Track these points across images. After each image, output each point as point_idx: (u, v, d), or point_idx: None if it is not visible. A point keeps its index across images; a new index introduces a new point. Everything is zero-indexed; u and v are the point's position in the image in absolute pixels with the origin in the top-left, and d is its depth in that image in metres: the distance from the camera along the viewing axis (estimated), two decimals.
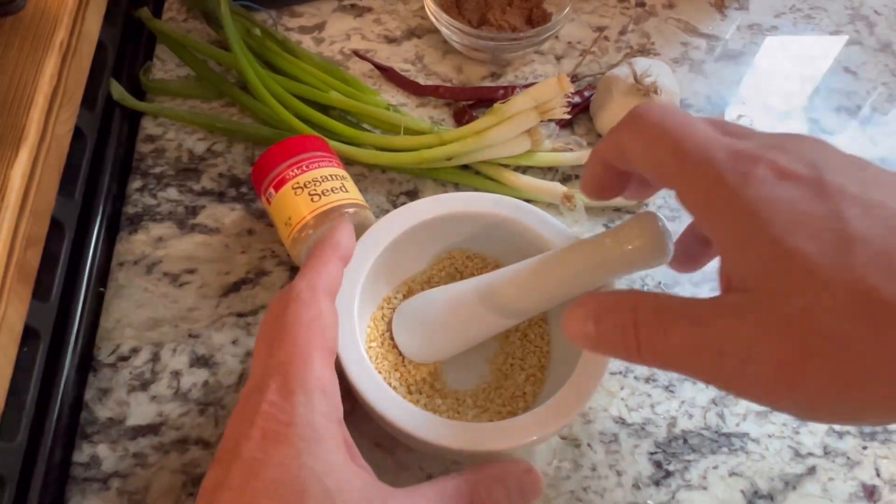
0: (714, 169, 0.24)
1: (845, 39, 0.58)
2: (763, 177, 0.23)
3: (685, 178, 0.25)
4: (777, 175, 0.23)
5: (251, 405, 0.28)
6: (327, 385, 0.29)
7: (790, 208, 0.23)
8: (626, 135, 0.28)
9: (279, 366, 0.29)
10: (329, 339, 0.31)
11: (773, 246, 0.22)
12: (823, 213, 0.22)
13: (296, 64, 0.50)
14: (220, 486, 0.27)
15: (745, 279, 0.23)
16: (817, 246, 0.22)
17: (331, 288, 0.32)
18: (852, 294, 0.21)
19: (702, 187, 0.24)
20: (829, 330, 0.21)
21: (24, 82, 0.39)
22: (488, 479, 0.30)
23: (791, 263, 0.22)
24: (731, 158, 0.24)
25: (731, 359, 0.23)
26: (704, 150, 0.25)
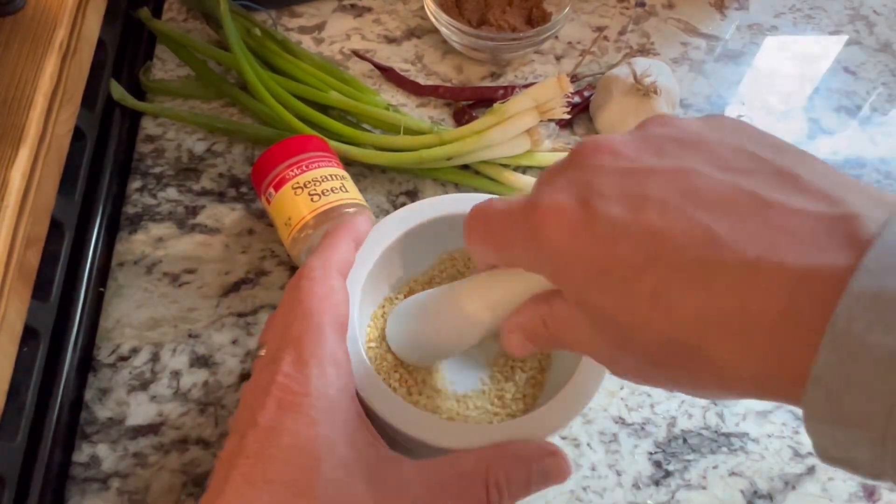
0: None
1: (845, 39, 0.58)
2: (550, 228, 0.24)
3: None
4: (557, 222, 0.24)
5: (266, 376, 0.29)
6: (340, 359, 0.30)
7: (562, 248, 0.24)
8: (478, 253, 0.29)
9: (293, 339, 0.30)
10: (341, 314, 0.32)
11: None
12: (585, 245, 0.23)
13: (296, 64, 0.50)
14: (236, 454, 0.28)
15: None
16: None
17: (343, 267, 0.33)
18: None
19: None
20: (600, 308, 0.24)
21: (24, 82, 0.39)
22: (507, 457, 0.30)
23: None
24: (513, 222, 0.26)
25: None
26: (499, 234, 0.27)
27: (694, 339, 0.21)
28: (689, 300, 0.20)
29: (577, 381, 0.33)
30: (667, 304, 0.21)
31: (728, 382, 0.21)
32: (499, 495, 0.29)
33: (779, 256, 0.19)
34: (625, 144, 0.24)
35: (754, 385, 0.20)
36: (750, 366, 0.20)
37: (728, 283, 0.20)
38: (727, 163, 0.22)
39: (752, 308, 0.19)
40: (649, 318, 0.21)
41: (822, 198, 0.20)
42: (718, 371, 0.21)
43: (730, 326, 0.20)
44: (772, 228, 0.20)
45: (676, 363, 0.22)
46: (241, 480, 0.27)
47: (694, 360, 0.21)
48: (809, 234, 0.19)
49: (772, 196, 0.20)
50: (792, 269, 0.19)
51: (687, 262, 0.20)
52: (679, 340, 0.21)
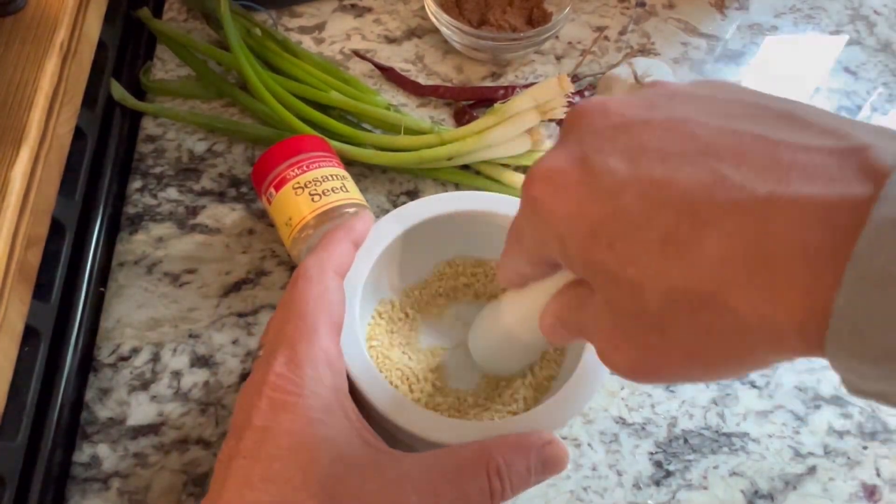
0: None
1: (845, 39, 0.58)
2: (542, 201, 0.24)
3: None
4: (552, 193, 0.23)
5: (259, 376, 0.29)
6: (333, 358, 0.30)
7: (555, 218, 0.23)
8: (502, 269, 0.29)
9: (287, 339, 0.30)
10: (335, 314, 0.31)
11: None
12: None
13: (296, 64, 0.50)
14: (233, 455, 0.28)
15: None
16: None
17: (340, 267, 0.33)
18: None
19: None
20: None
21: (25, 82, 0.39)
22: (506, 446, 0.29)
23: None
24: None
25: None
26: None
27: (708, 284, 0.19)
28: (702, 243, 0.19)
29: (577, 381, 0.33)
30: (677, 250, 0.20)
31: (746, 334, 0.20)
32: (500, 483, 0.28)
33: (792, 190, 0.18)
34: (615, 103, 0.24)
35: (774, 332, 0.19)
36: (770, 307, 0.19)
37: (741, 222, 0.19)
38: (723, 110, 0.21)
39: (768, 244, 0.19)
40: (659, 269, 0.20)
41: (829, 133, 0.19)
42: (736, 319, 0.20)
43: (746, 266, 0.19)
44: (780, 165, 0.19)
45: (689, 319, 0.20)
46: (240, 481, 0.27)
47: (708, 310, 0.20)
48: (821, 167, 0.19)
49: (776, 135, 0.20)
50: (807, 201, 0.18)
51: (696, 205, 0.20)
52: (692, 289, 0.20)
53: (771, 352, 0.20)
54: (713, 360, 0.21)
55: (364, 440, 0.29)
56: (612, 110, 0.23)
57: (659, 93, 0.23)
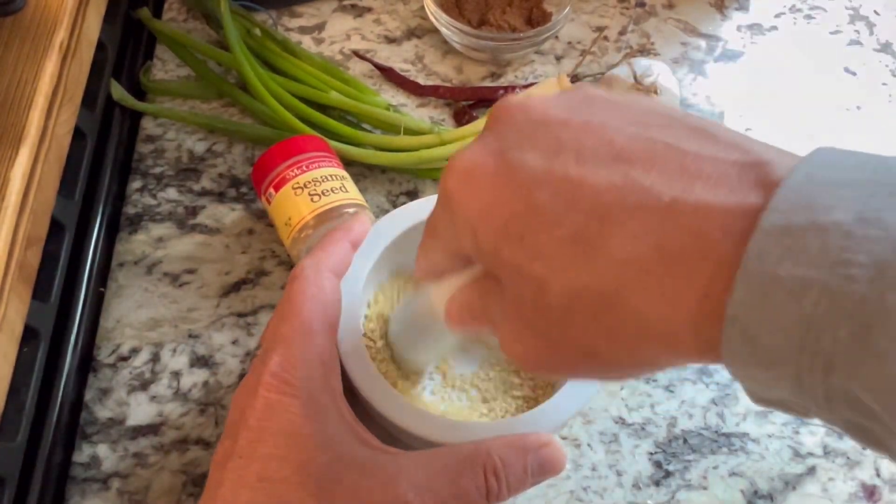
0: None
1: (845, 39, 0.58)
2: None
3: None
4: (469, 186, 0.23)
5: (255, 376, 0.29)
6: (328, 359, 0.30)
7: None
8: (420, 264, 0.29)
9: (282, 339, 0.30)
10: (330, 314, 0.32)
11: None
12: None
13: (296, 64, 0.50)
14: (229, 455, 0.28)
15: None
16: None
17: (336, 267, 0.33)
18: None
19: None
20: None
21: (24, 82, 0.39)
22: (503, 446, 0.29)
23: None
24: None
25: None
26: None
27: (612, 283, 0.20)
28: (608, 244, 0.20)
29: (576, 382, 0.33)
30: (584, 249, 0.21)
31: (644, 334, 0.20)
32: (496, 482, 0.28)
33: (694, 197, 0.19)
34: (537, 101, 0.24)
35: (671, 334, 0.20)
36: (668, 308, 0.20)
37: (646, 225, 0.20)
38: (639, 119, 0.22)
39: (669, 247, 0.19)
40: (565, 267, 0.21)
41: (735, 147, 0.20)
42: (635, 320, 0.20)
43: (648, 268, 0.20)
44: (687, 173, 0.20)
45: (590, 317, 0.21)
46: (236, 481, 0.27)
47: (610, 310, 0.21)
48: (723, 177, 0.20)
49: (685, 145, 0.21)
50: (707, 208, 0.19)
51: (605, 207, 0.20)
52: (595, 289, 0.21)
53: (667, 354, 0.21)
54: (610, 358, 0.22)
55: (360, 439, 0.29)
56: (533, 108, 0.24)
57: (580, 95, 0.24)
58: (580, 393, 0.33)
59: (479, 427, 0.32)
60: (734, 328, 0.18)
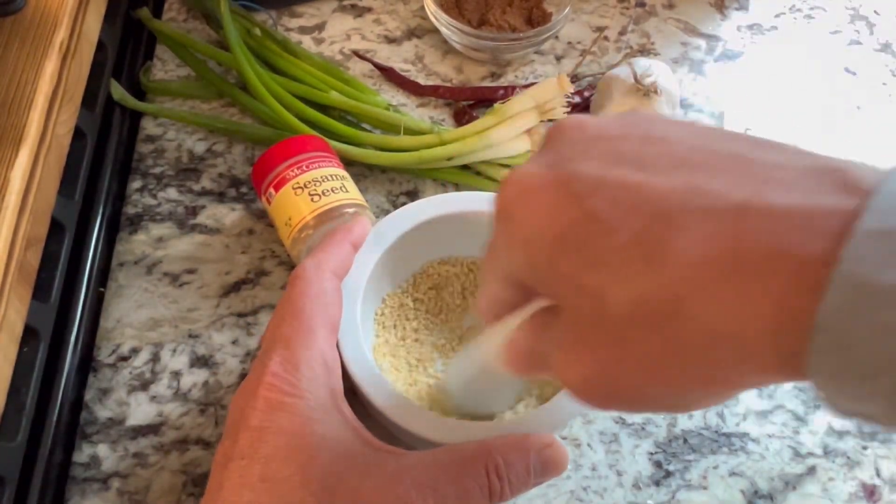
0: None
1: (845, 39, 0.58)
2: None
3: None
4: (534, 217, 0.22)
5: (255, 377, 0.29)
6: (329, 360, 0.30)
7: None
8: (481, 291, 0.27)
9: (283, 339, 0.30)
10: (332, 315, 0.32)
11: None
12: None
13: (296, 64, 0.50)
14: (230, 456, 0.28)
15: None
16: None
17: (338, 268, 0.33)
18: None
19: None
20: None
21: (24, 82, 0.39)
22: (506, 446, 0.29)
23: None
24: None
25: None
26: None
27: (675, 291, 0.19)
28: (671, 248, 0.19)
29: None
30: (645, 254, 0.19)
31: (713, 347, 0.19)
32: (499, 481, 0.28)
33: (767, 199, 0.18)
34: (594, 119, 0.23)
35: (744, 345, 0.18)
36: (740, 317, 0.18)
37: (713, 227, 0.18)
38: (700, 133, 0.21)
39: (741, 250, 0.18)
40: (625, 275, 0.19)
41: (804, 155, 0.20)
42: (702, 330, 0.19)
43: (717, 273, 0.18)
44: (756, 178, 0.19)
45: (654, 329, 0.19)
46: (237, 482, 0.27)
47: (673, 320, 0.19)
48: (797, 181, 0.19)
49: (751, 154, 0.20)
50: (784, 209, 0.18)
51: (668, 210, 0.19)
52: (658, 297, 0.19)
53: (740, 370, 0.19)
54: (676, 378, 0.20)
55: (362, 438, 0.29)
56: (589, 125, 0.23)
57: (638, 116, 0.23)
58: None
59: (481, 427, 0.32)
60: (825, 337, 0.17)
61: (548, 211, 0.21)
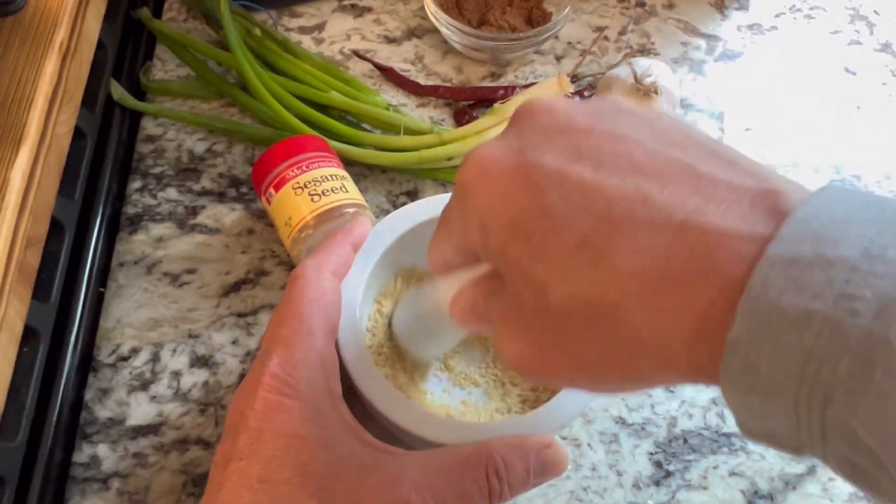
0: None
1: (845, 39, 0.58)
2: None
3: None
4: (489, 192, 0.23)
5: (254, 378, 0.29)
6: (328, 361, 0.30)
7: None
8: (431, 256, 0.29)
9: (282, 340, 0.30)
10: (331, 316, 0.32)
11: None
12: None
13: (296, 64, 0.50)
14: (229, 457, 0.28)
15: None
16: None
17: (338, 269, 0.33)
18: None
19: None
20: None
21: (24, 82, 0.39)
22: (505, 447, 0.29)
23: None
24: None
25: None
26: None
27: (612, 295, 0.20)
28: (613, 254, 0.20)
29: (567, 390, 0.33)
30: (589, 257, 0.21)
31: (638, 350, 0.20)
32: (498, 482, 0.28)
33: (705, 219, 0.19)
34: (563, 105, 0.24)
35: (665, 352, 0.20)
36: (664, 327, 0.20)
37: (653, 241, 0.20)
38: (661, 136, 0.22)
39: (674, 266, 0.19)
40: (568, 272, 0.21)
41: (750, 175, 0.21)
42: (630, 334, 0.20)
43: (650, 284, 0.20)
44: (701, 195, 0.20)
45: (586, 326, 0.21)
46: (237, 483, 0.27)
47: (606, 321, 0.21)
48: (736, 203, 0.20)
49: (703, 168, 0.21)
50: (716, 232, 0.19)
51: (615, 216, 0.20)
52: (594, 298, 0.21)
53: (659, 371, 0.21)
54: (601, 370, 0.22)
55: (361, 439, 0.29)
56: (558, 112, 0.24)
57: (607, 105, 0.24)
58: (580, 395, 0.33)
59: (481, 427, 0.32)
60: (734, 355, 0.18)
61: (504, 197, 0.22)
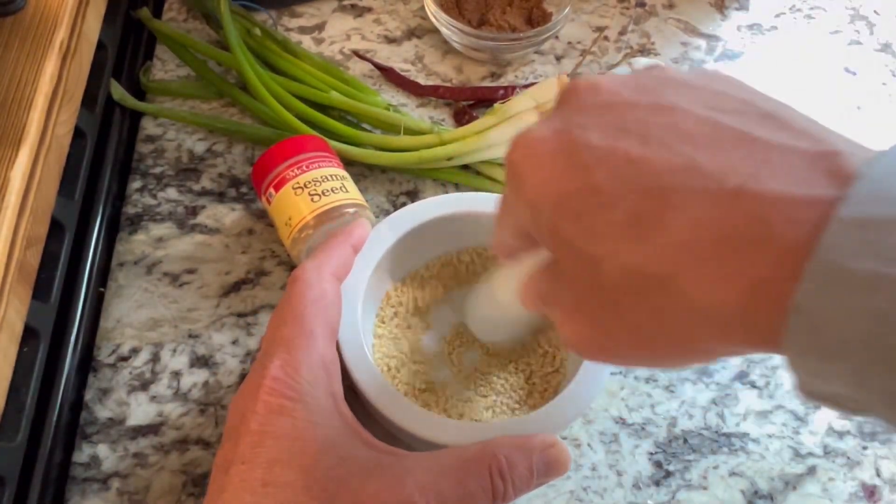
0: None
1: (845, 39, 0.58)
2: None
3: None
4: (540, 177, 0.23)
5: (255, 380, 0.29)
6: (329, 363, 0.30)
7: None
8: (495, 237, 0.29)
9: (283, 342, 0.29)
10: (332, 318, 0.31)
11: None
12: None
13: (296, 64, 0.50)
14: (231, 461, 0.27)
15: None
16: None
17: (338, 271, 0.33)
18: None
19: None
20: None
21: (24, 82, 0.39)
22: (509, 447, 0.29)
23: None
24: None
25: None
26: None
27: (667, 267, 0.20)
28: (665, 225, 0.20)
29: (578, 383, 0.33)
30: (640, 229, 0.20)
31: (695, 319, 0.20)
32: (502, 482, 0.28)
33: (761, 185, 0.19)
34: (607, 81, 0.24)
35: (723, 319, 0.20)
36: (725, 295, 0.19)
37: (706, 209, 0.19)
38: (710, 102, 0.22)
39: (729, 234, 0.19)
40: (620, 247, 0.21)
41: (806, 136, 0.20)
42: (686, 303, 0.20)
43: (704, 252, 0.19)
44: (754, 160, 0.20)
45: (642, 298, 0.21)
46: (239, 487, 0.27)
47: (663, 292, 0.20)
48: (793, 166, 0.19)
49: (755, 132, 0.20)
50: (773, 197, 0.19)
51: (665, 189, 0.20)
52: (648, 270, 0.20)
53: (718, 340, 0.20)
54: (660, 343, 0.22)
55: (364, 441, 0.29)
56: (602, 88, 0.24)
57: (654, 76, 0.24)
58: (582, 396, 0.33)
59: (484, 428, 0.32)
60: (800, 318, 0.18)
61: (552, 177, 0.22)
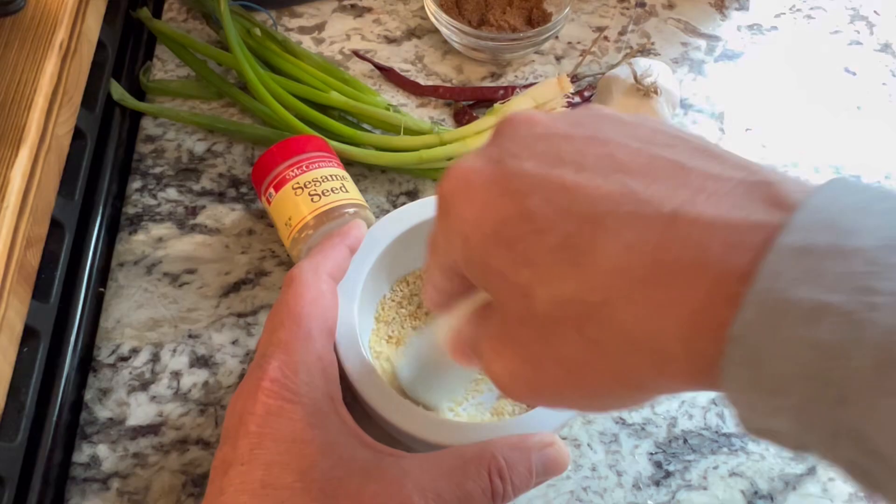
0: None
1: (845, 39, 0.58)
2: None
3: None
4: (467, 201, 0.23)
5: (253, 382, 0.29)
6: (327, 364, 0.30)
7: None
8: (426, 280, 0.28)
9: (281, 344, 0.29)
10: (329, 319, 0.31)
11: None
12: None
13: (296, 64, 0.50)
14: (229, 463, 0.27)
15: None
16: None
17: (334, 272, 0.33)
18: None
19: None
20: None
21: (24, 82, 0.39)
22: (507, 447, 0.29)
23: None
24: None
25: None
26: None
27: (600, 294, 0.19)
28: (598, 252, 0.19)
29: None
30: (573, 256, 0.20)
31: (630, 351, 0.19)
32: (501, 482, 0.28)
33: (698, 209, 0.19)
34: (542, 116, 0.24)
35: (660, 351, 0.19)
36: (662, 324, 0.18)
37: (640, 235, 0.19)
38: (644, 137, 0.22)
39: (664, 260, 0.18)
40: (552, 275, 0.20)
41: (741, 167, 0.20)
42: (624, 334, 0.19)
43: (639, 279, 0.18)
44: (690, 188, 0.19)
45: (575, 329, 0.20)
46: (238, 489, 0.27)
47: (596, 321, 0.19)
48: (728, 194, 0.19)
49: (690, 163, 0.20)
50: (710, 222, 0.18)
51: (600, 214, 0.20)
52: (581, 299, 0.19)
53: (655, 374, 0.19)
54: (594, 378, 0.21)
55: (362, 442, 0.29)
56: (538, 121, 0.23)
57: (588, 113, 0.23)
58: None
59: (482, 428, 0.32)
60: (738, 349, 0.17)
61: (484, 206, 0.22)
